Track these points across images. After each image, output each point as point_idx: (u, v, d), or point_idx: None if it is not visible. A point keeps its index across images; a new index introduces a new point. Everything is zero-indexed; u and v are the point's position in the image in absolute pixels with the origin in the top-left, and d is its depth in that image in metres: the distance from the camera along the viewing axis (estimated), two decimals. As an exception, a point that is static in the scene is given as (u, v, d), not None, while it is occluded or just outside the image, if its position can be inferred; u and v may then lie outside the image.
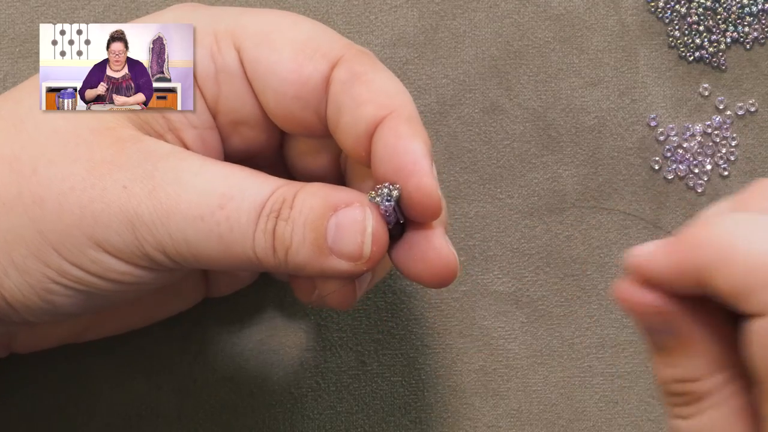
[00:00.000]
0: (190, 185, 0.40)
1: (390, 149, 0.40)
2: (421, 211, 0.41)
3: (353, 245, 0.40)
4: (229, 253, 0.40)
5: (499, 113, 0.53)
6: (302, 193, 0.40)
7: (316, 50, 0.42)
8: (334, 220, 0.40)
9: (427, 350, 0.52)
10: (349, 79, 0.41)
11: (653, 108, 0.53)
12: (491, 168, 0.53)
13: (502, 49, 0.53)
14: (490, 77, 0.53)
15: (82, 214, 0.39)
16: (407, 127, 0.41)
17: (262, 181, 0.41)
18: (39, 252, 0.40)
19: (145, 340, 0.51)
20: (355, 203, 0.40)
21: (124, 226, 0.39)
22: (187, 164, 0.40)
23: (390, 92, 0.42)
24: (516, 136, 0.53)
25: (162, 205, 0.39)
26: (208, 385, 0.52)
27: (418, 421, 0.52)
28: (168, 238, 0.40)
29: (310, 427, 0.52)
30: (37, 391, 0.51)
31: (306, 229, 0.40)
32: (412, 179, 0.40)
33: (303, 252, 0.40)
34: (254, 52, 0.42)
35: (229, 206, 0.40)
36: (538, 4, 0.54)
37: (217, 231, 0.39)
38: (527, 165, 0.53)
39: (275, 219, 0.40)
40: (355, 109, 0.41)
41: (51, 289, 0.40)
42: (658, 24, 0.54)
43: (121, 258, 0.40)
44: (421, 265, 0.41)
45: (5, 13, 0.53)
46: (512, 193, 0.53)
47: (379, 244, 0.40)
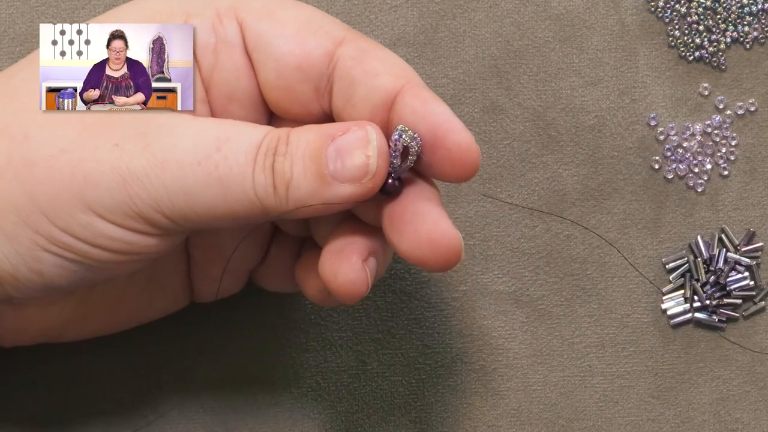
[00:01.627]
0: (184, 135, 0.40)
1: (419, 113, 0.41)
2: (461, 166, 0.41)
3: (358, 161, 0.40)
4: (229, 197, 0.40)
5: (499, 113, 0.53)
6: (296, 131, 0.41)
7: (320, 27, 0.42)
8: (333, 147, 0.40)
9: (427, 350, 0.52)
10: (359, 54, 0.42)
11: (653, 107, 0.53)
12: (491, 168, 0.53)
13: (502, 48, 0.53)
14: (490, 77, 0.53)
15: (72, 174, 0.39)
16: (428, 92, 0.41)
17: (253, 126, 0.41)
18: (28, 218, 0.39)
19: (145, 340, 0.51)
20: (353, 127, 0.40)
21: (115, 183, 0.39)
22: (179, 119, 0.40)
23: (401, 65, 0.42)
24: (516, 136, 0.53)
25: (156, 157, 0.39)
26: (208, 384, 0.52)
27: (418, 421, 0.52)
28: (163, 191, 0.39)
29: (310, 426, 0.52)
30: (37, 391, 0.51)
31: (305, 160, 0.40)
32: (451, 136, 0.40)
33: (304, 184, 0.40)
34: (257, 25, 0.42)
35: (225, 147, 0.40)
36: (538, 4, 0.54)
37: (216, 174, 0.39)
38: (527, 165, 0.53)
39: (273, 156, 0.40)
40: (371, 81, 0.41)
41: (40, 258, 0.40)
42: (658, 24, 0.54)
43: (113, 221, 0.40)
44: (426, 248, 0.41)
45: (5, 13, 0.53)
46: (512, 192, 0.53)
47: (384, 157, 0.40)
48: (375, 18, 0.53)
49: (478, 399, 0.52)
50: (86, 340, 0.48)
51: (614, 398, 0.52)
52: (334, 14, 0.53)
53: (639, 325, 0.53)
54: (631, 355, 0.53)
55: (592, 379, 0.53)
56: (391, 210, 0.42)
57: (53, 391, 0.51)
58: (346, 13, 0.53)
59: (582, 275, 0.53)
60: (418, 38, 0.53)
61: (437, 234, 0.41)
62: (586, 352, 0.53)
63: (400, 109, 0.41)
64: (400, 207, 0.42)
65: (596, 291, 0.53)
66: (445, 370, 0.52)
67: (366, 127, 0.40)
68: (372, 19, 0.53)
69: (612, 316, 0.53)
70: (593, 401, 0.53)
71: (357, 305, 0.52)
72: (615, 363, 0.53)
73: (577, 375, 0.53)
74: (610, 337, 0.53)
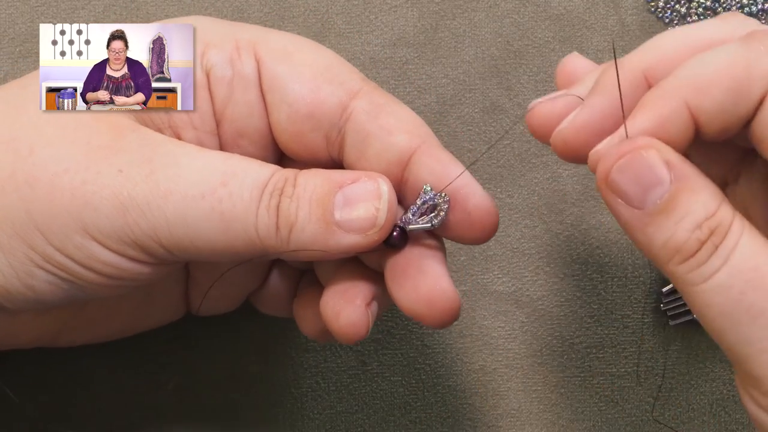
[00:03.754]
0: (189, 166, 0.40)
1: (437, 174, 0.41)
2: (480, 229, 0.41)
3: (365, 212, 0.40)
4: (230, 232, 0.39)
5: (499, 113, 0.53)
6: (304, 174, 0.41)
7: (336, 77, 0.42)
8: (341, 194, 0.40)
9: (427, 350, 0.52)
10: (374, 109, 0.42)
11: (653, 108, 0.53)
12: (491, 168, 0.53)
13: (502, 49, 0.53)
14: (490, 77, 0.53)
15: (73, 195, 0.39)
16: (445, 154, 0.41)
17: (260, 163, 0.41)
18: (25, 233, 0.39)
19: (145, 340, 0.51)
20: (363, 177, 0.40)
21: (114, 209, 0.39)
22: (185, 150, 0.40)
23: (416, 123, 0.42)
24: (516, 136, 0.53)
25: (159, 187, 0.39)
26: (208, 384, 0.52)
27: (418, 421, 0.52)
28: (163, 221, 0.39)
29: (310, 427, 0.52)
30: (37, 391, 0.51)
31: (312, 205, 0.40)
32: (471, 199, 0.41)
33: (309, 228, 0.40)
34: (274, 65, 0.42)
35: (231, 183, 0.39)
36: (538, 4, 0.54)
37: (219, 208, 0.39)
38: (527, 165, 0.53)
39: (279, 196, 0.40)
40: (387, 138, 0.41)
41: (33, 274, 0.40)
42: (658, 24, 0.54)
43: (108, 246, 0.39)
44: (424, 305, 0.41)
45: (5, 13, 0.53)
46: (512, 192, 0.53)
47: (392, 211, 0.40)
48: (375, 18, 0.53)
49: (478, 399, 0.52)
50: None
51: (614, 398, 0.52)
52: (334, 14, 0.53)
53: (639, 325, 0.53)
54: (631, 356, 0.53)
55: (592, 379, 0.53)
56: (395, 261, 0.42)
57: (53, 391, 0.51)
58: (346, 13, 0.53)
59: (582, 276, 0.53)
60: (418, 38, 0.53)
61: (436, 293, 0.41)
62: (586, 353, 0.53)
63: (417, 169, 0.41)
64: (404, 260, 0.42)
65: (596, 291, 0.53)
66: (445, 370, 0.52)
67: (378, 180, 0.40)
68: (372, 19, 0.53)
69: (612, 316, 0.53)
70: (593, 401, 0.53)
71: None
72: (615, 363, 0.53)
73: (577, 375, 0.53)
74: (610, 338, 0.53)
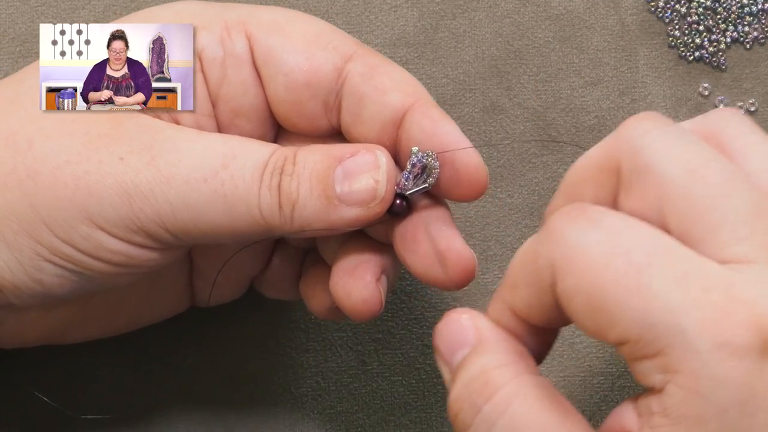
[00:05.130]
0: (190, 150, 0.40)
1: (428, 131, 0.41)
2: (468, 185, 0.41)
3: (366, 185, 0.40)
4: (234, 214, 0.40)
5: (499, 113, 0.53)
6: (303, 151, 0.41)
7: (329, 42, 0.42)
8: (341, 168, 0.40)
9: (427, 350, 0.52)
10: (368, 71, 0.42)
11: (653, 108, 0.53)
12: (491, 168, 0.53)
13: (502, 49, 0.53)
14: (490, 77, 0.53)
15: (76, 186, 0.39)
16: (438, 110, 0.41)
17: (260, 143, 0.41)
18: (30, 228, 0.39)
19: (145, 340, 0.51)
20: (361, 150, 0.41)
21: (119, 198, 0.39)
22: (185, 134, 0.40)
23: (411, 82, 0.42)
24: (516, 136, 0.53)
25: (161, 173, 0.39)
26: (208, 384, 0.52)
27: (418, 421, 0.52)
28: (167, 206, 0.39)
29: (310, 427, 0.52)
30: (37, 391, 0.51)
31: (312, 181, 0.40)
32: (459, 155, 0.41)
33: (310, 205, 0.40)
34: (266, 39, 0.42)
35: (232, 165, 0.39)
36: (538, 4, 0.54)
37: (222, 191, 0.39)
38: (527, 165, 0.53)
39: (279, 175, 0.40)
40: (381, 98, 0.41)
41: (41, 267, 0.40)
42: (658, 24, 0.54)
43: (115, 234, 0.40)
44: (440, 268, 0.41)
45: (5, 13, 0.53)
46: (512, 192, 0.53)
47: (392, 182, 0.40)
48: (375, 18, 0.53)
49: (478, 399, 0.52)
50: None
51: (614, 398, 0.52)
52: (334, 14, 0.53)
53: (639, 325, 0.53)
54: (631, 355, 0.53)
55: (592, 379, 0.53)
56: (403, 229, 0.42)
57: (53, 391, 0.51)
58: (346, 13, 0.53)
59: (582, 275, 0.53)
60: (418, 38, 0.53)
61: (451, 254, 0.41)
62: (586, 353, 0.53)
63: (409, 127, 0.41)
64: (412, 226, 0.42)
65: (596, 291, 0.53)
66: (445, 370, 0.52)
67: (375, 151, 0.40)
68: (372, 19, 0.53)
69: (612, 316, 0.53)
70: (593, 401, 0.53)
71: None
72: (615, 363, 0.53)
73: (577, 375, 0.53)
74: (610, 337, 0.53)
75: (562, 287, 0.33)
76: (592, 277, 0.32)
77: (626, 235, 0.32)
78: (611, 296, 0.32)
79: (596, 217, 0.33)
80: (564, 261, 0.33)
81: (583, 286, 0.32)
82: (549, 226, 0.33)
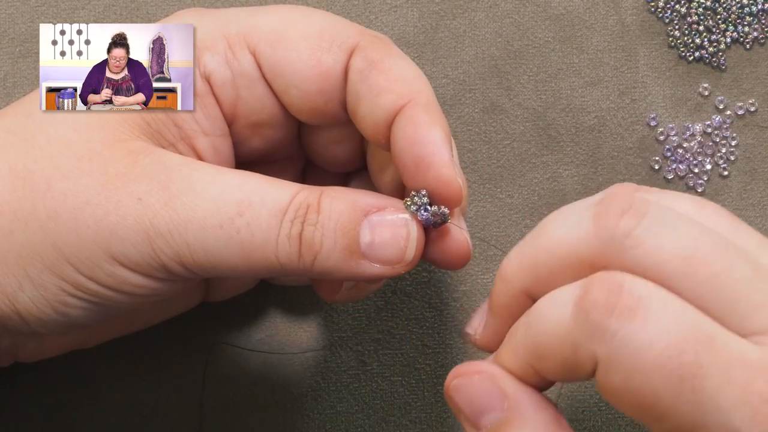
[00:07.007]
0: (206, 194, 0.40)
1: (409, 140, 0.41)
2: (443, 200, 0.41)
3: (395, 250, 0.40)
4: (250, 259, 0.40)
5: (499, 113, 0.53)
6: (327, 198, 0.40)
7: (332, 41, 0.42)
8: (367, 224, 0.40)
9: (427, 350, 0.52)
10: (366, 67, 0.42)
11: (653, 108, 0.53)
12: (491, 168, 0.53)
13: (502, 49, 0.53)
14: (490, 77, 0.53)
15: (98, 227, 0.39)
16: (425, 115, 0.41)
17: (278, 186, 0.41)
18: (54, 266, 0.40)
19: (145, 340, 0.51)
20: (389, 207, 0.41)
21: (140, 238, 0.39)
22: (201, 174, 0.40)
23: (407, 79, 0.42)
24: (516, 136, 0.53)
25: (178, 215, 0.39)
26: (208, 384, 0.52)
27: (418, 421, 0.52)
28: (185, 248, 0.39)
29: (310, 427, 0.52)
30: (37, 391, 0.51)
31: (337, 234, 0.40)
32: (432, 171, 0.41)
33: (334, 257, 0.40)
34: (271, 54, 0.42)
35: (248, 213, 0.39)
36: (538, 4, 0.54)
37: (238, 238, 0.39)
38: (527, 165, 0.53)
39: (301, 224, 0.40)
40: (373, 99, 0.41)
41: (66, 302, 0.40)
42: (658, 24, 0.54)
43: (137, 271, 0.40)
44: (439, 254, 0.42)
45: (5, 13, 0.53)
46: (512, 192, 0.53)
47: (420, 249, 0.41)
48: (375, 18, 0.53)
49: (478, 399, 0.52)
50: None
51: (614, 398, 0.52)
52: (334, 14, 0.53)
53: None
54: (631, 355, 0.53)
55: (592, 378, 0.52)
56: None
57: (53, 391, 0.51)
58: (346, 13, 0.53)
59: (582, 275, 0.53)
60: (418, 38, 0.53)
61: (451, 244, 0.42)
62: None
63: (394, 132, 0.41)
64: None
65: (596, 291, 0.53)
66: (445, 370, 0.52)
67: (406, 216, 0.41)
68: (372, 19, 0.53)
69: (612, 316, 0.53)
70: (593, 401, 0.52)
71: (357, 305, 0.52)
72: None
73: (577, 375, 0.52)
74: (610, 337, 0.53)
75: (607, 381, 0.34)
76: (643, 380, 0.33)
77: (673, 328, 0.33)
78: (663, 398, 0.32)
79: (635, 306, 0.33)
80: (611, 360, 0.33)
81: (634, 384, 0.33)
82: (591, 318, 0.33)
